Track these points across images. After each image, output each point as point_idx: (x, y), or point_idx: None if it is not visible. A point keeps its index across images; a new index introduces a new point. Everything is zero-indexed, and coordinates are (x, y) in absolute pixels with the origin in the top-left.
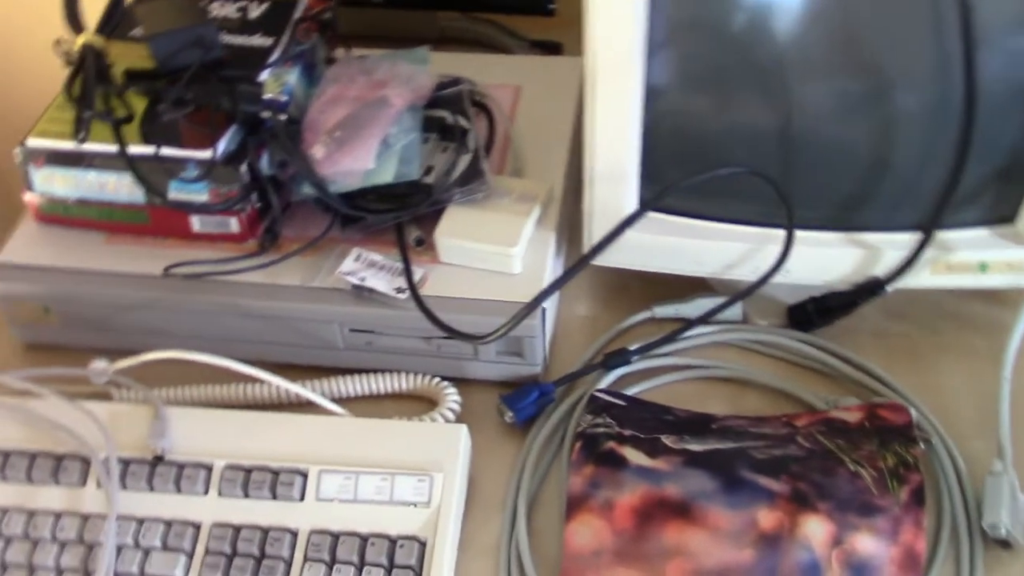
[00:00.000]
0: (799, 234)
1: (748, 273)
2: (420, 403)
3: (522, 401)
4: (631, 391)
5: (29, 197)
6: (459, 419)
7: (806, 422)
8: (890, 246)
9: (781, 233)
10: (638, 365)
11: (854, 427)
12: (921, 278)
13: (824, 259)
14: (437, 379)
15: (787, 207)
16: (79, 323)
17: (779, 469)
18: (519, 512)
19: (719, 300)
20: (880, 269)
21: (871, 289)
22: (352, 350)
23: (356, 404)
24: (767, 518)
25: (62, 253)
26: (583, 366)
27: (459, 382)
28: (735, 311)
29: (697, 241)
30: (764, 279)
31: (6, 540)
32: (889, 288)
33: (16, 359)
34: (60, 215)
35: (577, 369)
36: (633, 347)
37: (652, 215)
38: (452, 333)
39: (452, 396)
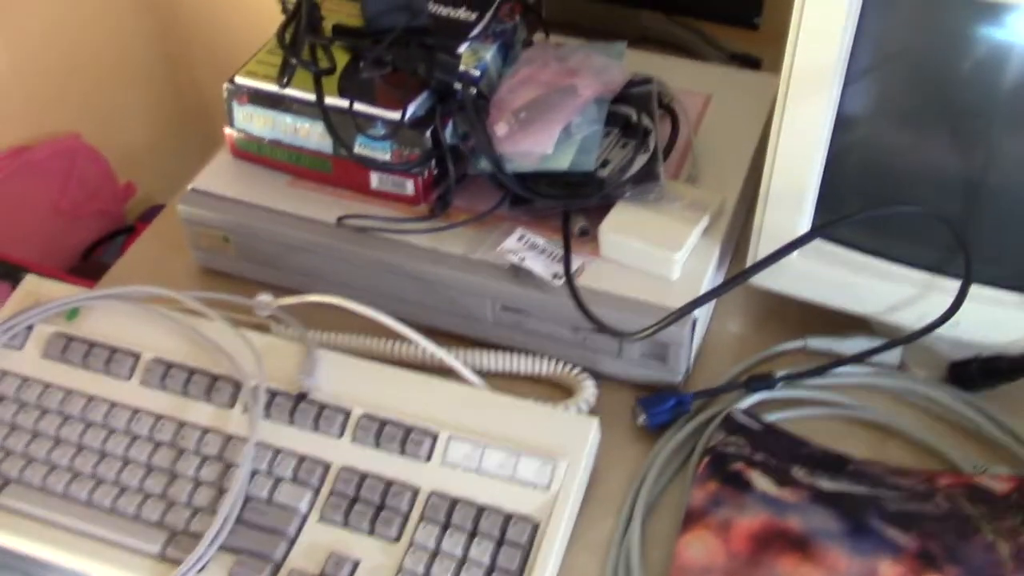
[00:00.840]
0: (975, 289)
1: (913, 320)
2: (557, 390)
3: (658, 407)
4: (770, 417)
5: (228, 131)
6: (592, 412)
7: (949, 482)
8: None
9: (955, 283)
10: (781, 392)
11: (1000, 497)
12: None
13: (998, 319)
14: (578, 369)
15: (966, 256)
16: (253, 256)
17: (911, 524)
18: (635, 514)
19: (877, 342)
20: None
21: None
22: (501, 327)
23: (495, 379)
24: (889, 571)
25: (248, 188)
26: (725, 383)
27: (599, 376)
28: (893, 356)
29: (863, 278)
30: (929, 328)
31: (155, 444)
32: None
33: (192, 281)
34: (253, 153)
35: (719, 386)
36: (780, 373)
37: (821, 244)
38: (600, 326)
39: (590, 388)
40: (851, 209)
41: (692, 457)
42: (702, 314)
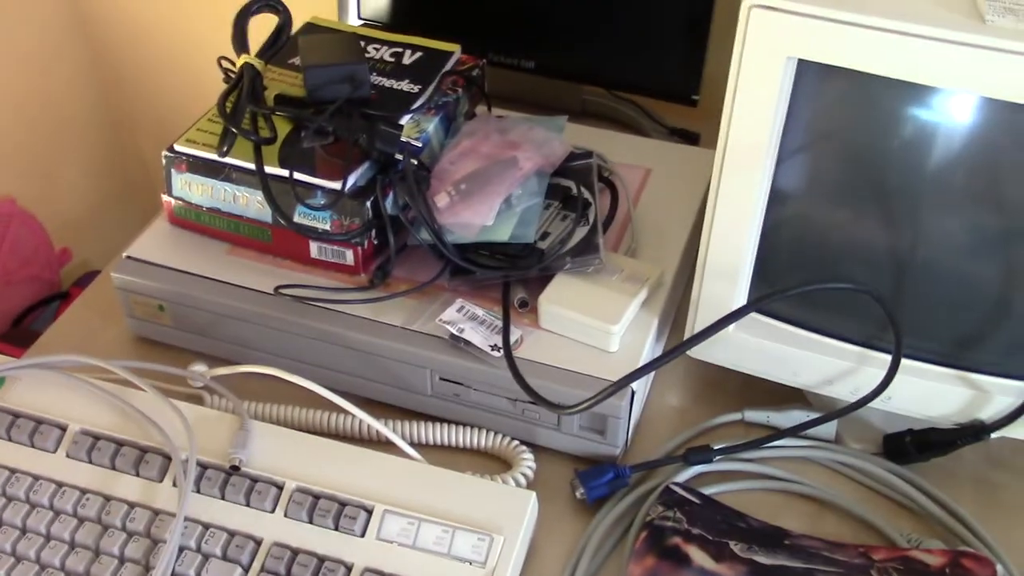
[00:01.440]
0: (905, 363)
1: (847, 393)
2: (495, 463)
3: (596, 480)
4: (708, 491)
5: (166, 199)
6: (530, 485)
7: (884, 556)
8: (1001, 391)
9: (887, 358)
10: (719, 465)
11: (934, 571)
12: None
13: (929, 393)
14: (516, 442)
15: (895, 332)
16: (189, 325)
17: None
18: None
19: (813, 415)
20: (987, 413)
21: (975, 432)
22: (439, 398)
23: (433, 451)
24: None
25: (185, 256)
26: (663, 456)
27: (537, 449)
28: (828, 430)
29: (798, 351)
30: (862, 402)
31: (80, 520)
32: (994, 435)
33: (126, 350)
34: (191, 220)
35: (657, 458)
36: (718, 446)
37: (757, 317)
38: (537, 398)
39: (528, 462)
40: (786, 283)
41: (630, 531)
42: (640, 387)
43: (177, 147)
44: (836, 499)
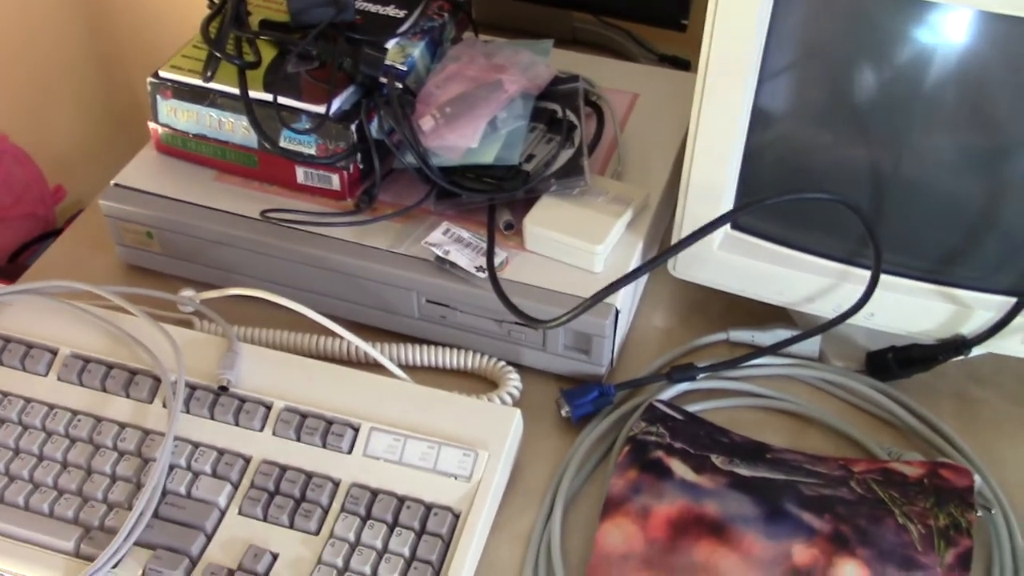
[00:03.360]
0: (887, 279)
1: (829, 310)
2: (482, 383)
3: (581, 398)
4: (692, 408)
5: (153, 126)
6: (517, 405)
7: (863, 468)
8: (982, 306)
9: (867, 274)
10: (703, 383)
11: (912, 481)
12: (1010, 345)
13: (910, 309)
14: (502, 363)
15: (875, 246)
16: (177, 252)
17: (825, 508)
18: (556, 505)
19: (795, 333)
20: (968, 328)
21: (955, 347)
22: (426, 321)
23: (420, 373)
24: (803, 553)
25: (173, 183)
26: (648, 375)
27: (523, 369)
28: (812, 347)
29: (781, 269)
30: (842, 318)
31: (71, 440)
32: (974, 350)
33: (115, 278)
34: (178, 147)
35: (641, 376)
36: (701, 364)
37: (739, 235)
38: (520, 316)
39: (514, 381)
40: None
41: (614, 448)
42: (625, 306)
43: (162, 73)
44: (818, 415)
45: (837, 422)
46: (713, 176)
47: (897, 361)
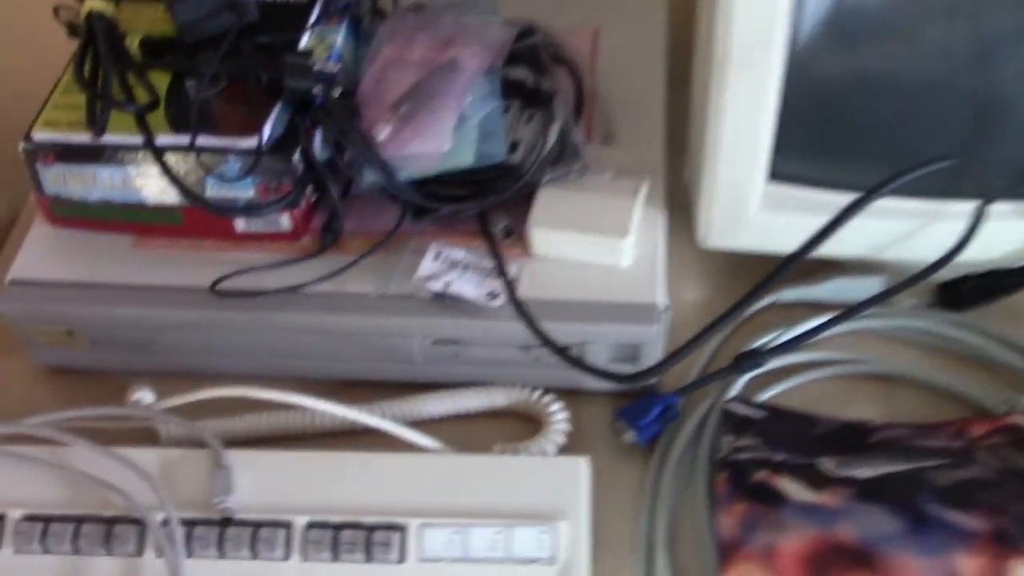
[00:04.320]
0: (960, 206)
1: (903, 253)
2: (516, 422)
3: (644, 417)
4: (763, 396)
5: (40, 199)
6: (568, 440)
7: (984, 431)
8: None
9: (947, 207)
10: (769, 363)
11: None
12: None
13: (991, 234)
14: (538, 392)
15: (979, 175)
16: (109, 346)
17: (970, 499)
18: (657, 555)
19: (857, 281)
20: None
21: None
22: (433, 364)
23: (440, 428)
24: (967, 565)
25: (83, 264)
26: (705, 372)
27: (558, 391)
28: (869, 291)
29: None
30: (946, 259)
31: None
32: None
33: (39, 389)
34: (77, 217)
35: (701, 376)
36: (761, 342)
37: (780, 188)
38: (586, 369)
39: (558, 415)
40: (811, 145)
41: (696, 467)
42: (663, 297)
43: (36, 135)
44: (903, 371)
45: (925, 374)
46: (748, 129)
47: (977, 290)
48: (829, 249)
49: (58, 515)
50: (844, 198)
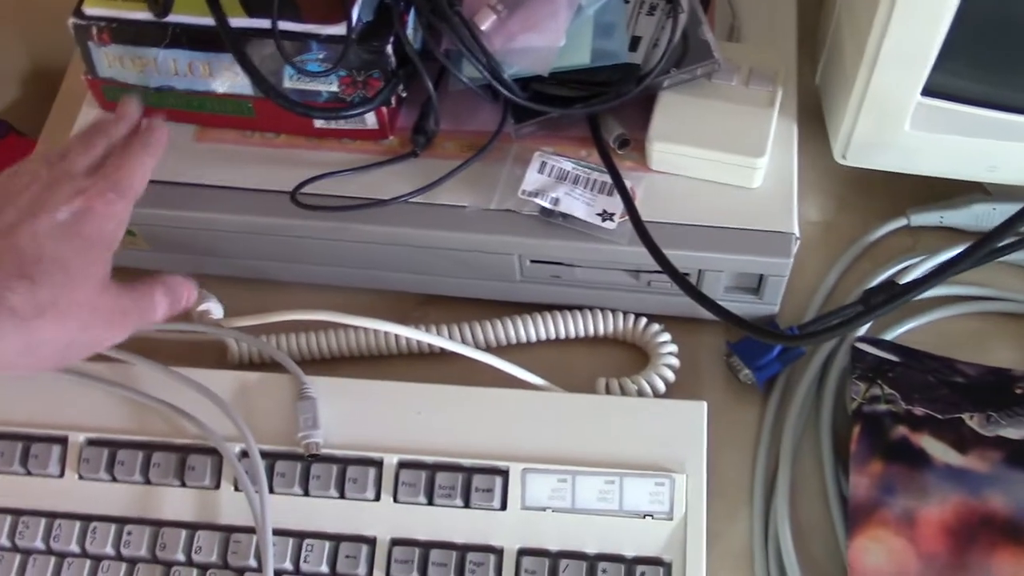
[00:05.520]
0: None
1: None
2: (619, 351)
3: (763, 355)
4: (892, 334)
5: (92, 82)
6: (677, 376)
7: None
8: None
9: None
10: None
11: None
12: None
13: None
14: (644, 320)
15: None
16: (175, 247)
17: None
18: (778, 509)
19: (996, 205)
20: None
21: None
22: (532, 283)
23: (534, 354)
24: None
25: None
26: (829, 304)
27: (667, 320)
28: (995, 218)
29: (996, 141)
30: None
31: (129, 563)
32: None
33: None
34: None
35: (830, 312)
36: (892, 272)
37: (936, 104)
38: (722, 313)
39: (667, 347)
40: (981, 60)
41: (821, 413)
42: (797, 222)
43: (88, 10)
44: None
45: None
46: (916, 36)
47: None
48: (972, 172)
49: (124, 441)
50: (1002, 117)
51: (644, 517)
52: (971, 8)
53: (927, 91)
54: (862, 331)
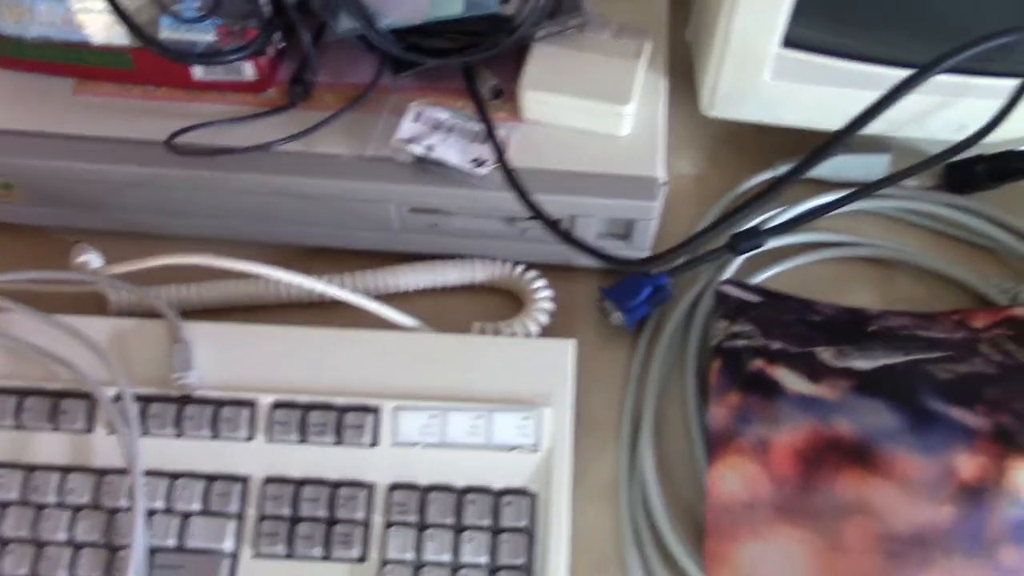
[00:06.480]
0: (975, 81)
1: (917, 130)
2: (497, 298)
3: (632, 299)
4: (757, 278)
5: None
6: (551, 320)
7: (986, 322)
8: None
9: (961, 80)
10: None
11: None
12: None
13: (1017, 115)
14: (520, 267)
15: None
16: (53, 200)
17: (972, 395)
18: (643, 443)
19: (861, 158)
20: None
21: None
22: (411, 232)
23: (415, 303)
24: (968, 465)
25: (19, 110)
26: (703, 252)
27: (542, 268)
28: (875, 171)
29: (854, 90)
30: (977, 137)
31: (1, 506)
32: None
33: None
34: (11, 57)
35: (696, 256)
36: (757, 220)
37: (795, 55)
38: (585, 249)
39: (542, 292)
40: (835, 10)
41: (687, 352)
42: (663, 167)
43: None
44: (904, 256)
45: (927, 260)
46: None
47: (989, 173)
48: (834, 123)
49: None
50: (862, 69)
51: (511, 450)
52: None
53: (787, 42)
54: (729, 276)
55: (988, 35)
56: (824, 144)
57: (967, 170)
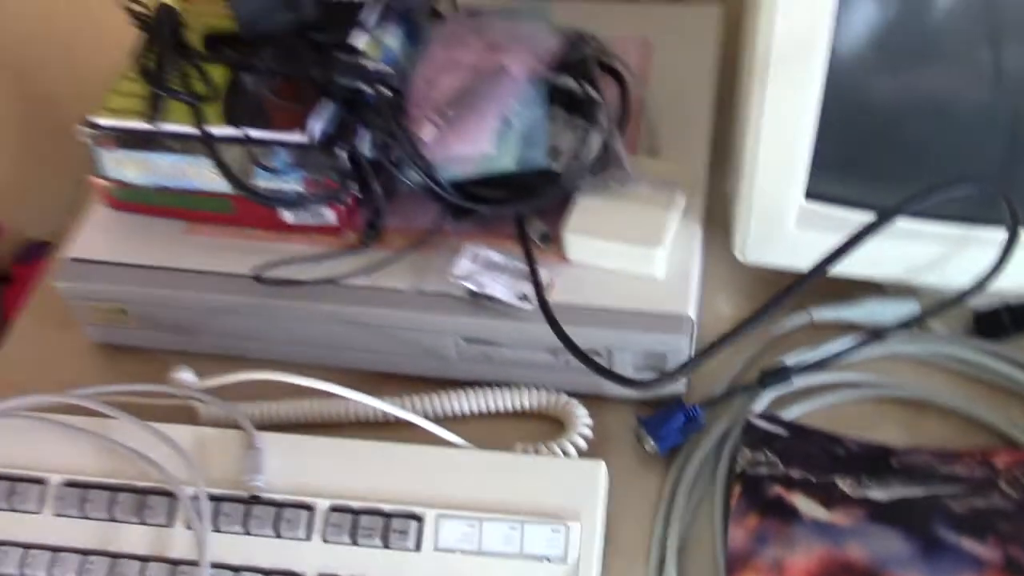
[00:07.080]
0: (987, 233)
1: (938, 278)
2: (542, 423)
3: (665, 427)
4: (788, 414)
5: (99, 182)
6: (590, 444)
7: (1008, 462)
8: None
9: (981, 233)
10: (797, 381)
11: None
12: None
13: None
14: (564, 396)
15: (1009, 206)
16: (159, 325)
17: (984, 527)
18: (668, 564)
19: (893, 304)
20: None
21: None
22: (468, 362)
23: (471, 424)
24: None
25: (139, 247)
26: (732, 385)
27: (586, 398)
28: (904, 314)
29: (876, 240)
30: (978, 286)
31: None
32: None
33: (90, 362)
34: (135, 202)
35: (728, 390)
36: (790, 361)
37: (817, 207)
38: (604, 373)
39: (583, 419)
40: (851, 165)
41: (716, 480)
42: (695, 310)
43: (98, 120)
44: (933, 396)
45: (956, 402)
46: (785, 144)
47: (1011, 320)
48: (864, 270)
49: (96, 483)
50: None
51: (542, 560)
52: (831, 117)
53: (809, 194)
54: (760, 410)
55: (942, 185)
56: (790, 285)
57: (992, 317)
